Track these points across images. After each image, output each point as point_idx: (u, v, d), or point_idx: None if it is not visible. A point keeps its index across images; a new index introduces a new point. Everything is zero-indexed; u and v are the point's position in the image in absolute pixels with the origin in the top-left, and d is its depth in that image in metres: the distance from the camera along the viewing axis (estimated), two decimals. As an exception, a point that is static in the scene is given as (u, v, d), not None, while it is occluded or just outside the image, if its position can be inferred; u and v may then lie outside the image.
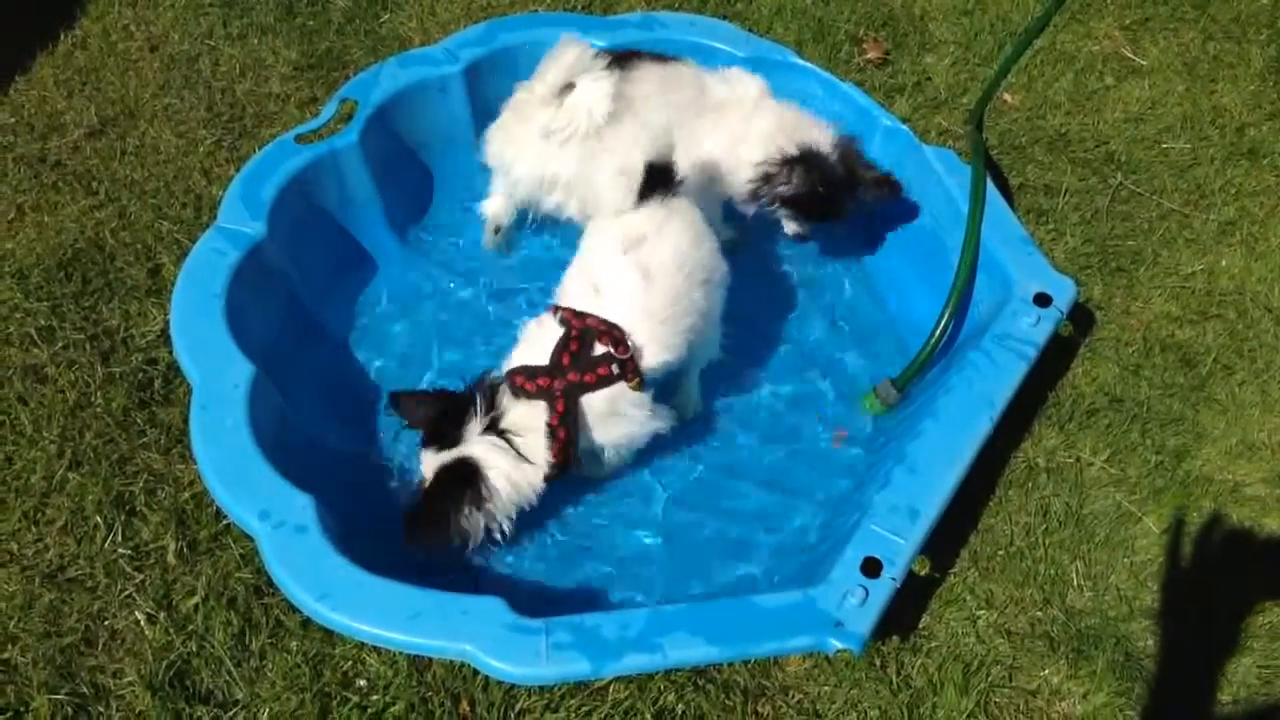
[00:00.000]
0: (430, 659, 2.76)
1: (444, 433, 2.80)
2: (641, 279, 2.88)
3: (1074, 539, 3.12)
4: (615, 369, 2.84)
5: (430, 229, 3.77)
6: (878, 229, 3.71)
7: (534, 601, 2.63)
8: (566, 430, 2.82)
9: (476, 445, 2.77)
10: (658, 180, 2.95)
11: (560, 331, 2.87)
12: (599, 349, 2.84)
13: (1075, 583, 3.04)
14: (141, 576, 2.87)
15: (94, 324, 3.32)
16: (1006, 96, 4.21)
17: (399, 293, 3.58)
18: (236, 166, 3.70)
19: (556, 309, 2.91)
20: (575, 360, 2.83)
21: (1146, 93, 4.28)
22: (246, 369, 2.87)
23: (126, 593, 2.84)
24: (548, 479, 2.86)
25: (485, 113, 3.65)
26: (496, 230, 3.61)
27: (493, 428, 2.78)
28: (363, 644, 2.76)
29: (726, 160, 3.46)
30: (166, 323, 3.30)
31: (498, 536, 2.85)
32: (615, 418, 2.92)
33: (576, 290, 2.95)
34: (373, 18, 4.30)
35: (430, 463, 2.81)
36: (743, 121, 3.45)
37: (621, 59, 3.41)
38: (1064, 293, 3.19)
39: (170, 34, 4.15)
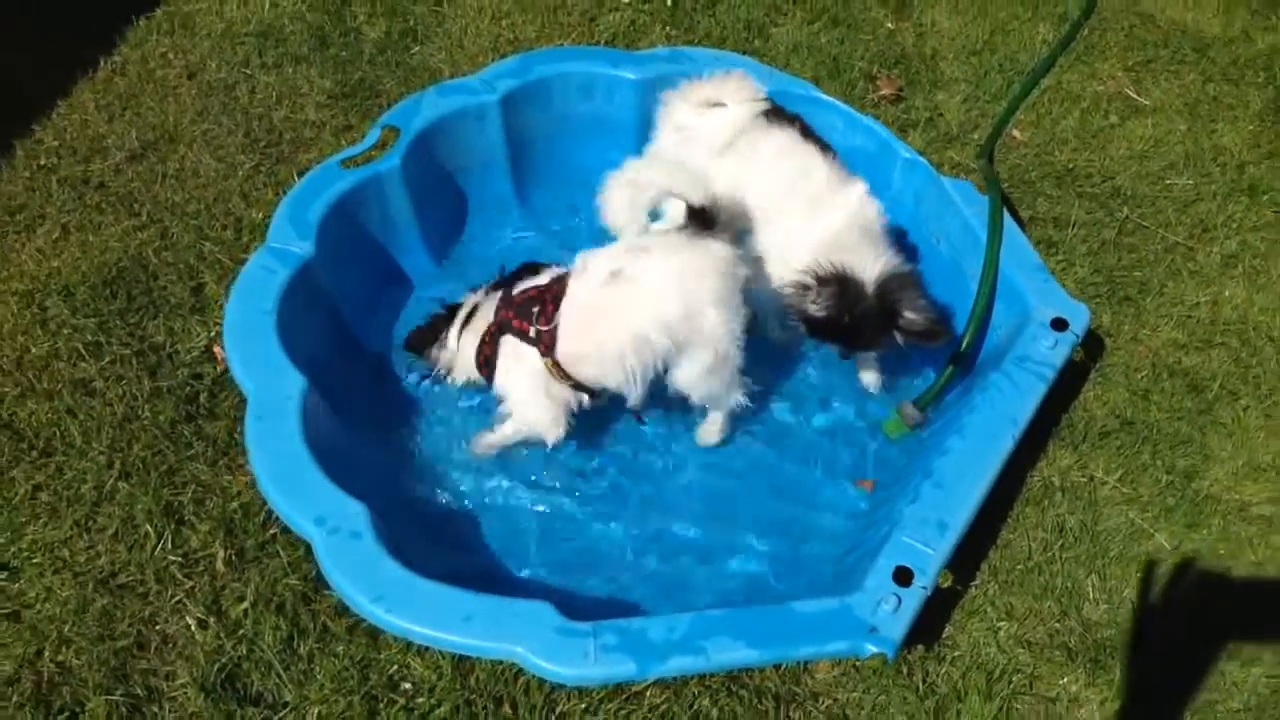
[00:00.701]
0: (473, 663, 2.84)
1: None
2: (604, 278, 3.04)
3: (1089, 554, 3.23)
4: (532, 332, 3.09)
5: (464, 250, 3.90)
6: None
7: (578, 608, 2.74)
8: (490, 349, 3.21)
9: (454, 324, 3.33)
10: (696, 218, 3.06)
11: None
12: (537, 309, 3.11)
13: (1091, 596, 3.15)
14: (191, 583, 2.96)
15: (140, 340, 3.42)
16: (1016, 133, 4.36)
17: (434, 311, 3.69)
18: (275, 190, 3.83)
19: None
20: (524, 303, 3.14)
21: (1150, 131, 4.45)
22: (299, 381, 2.98)
23: (177, 598, 2.93)
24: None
25: (520, 140, 3.81)
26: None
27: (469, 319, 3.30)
28: (408, 648, 2.86)
29: (779, 255, 3.46)
30: (210, 339, 3.43)
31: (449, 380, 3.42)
32: (518, 368, 3.18)
33: (577, 262, 3.15)
34: (403, 49, 4.44)
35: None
36: (809, 223, 3.40)
37: (778, 112, 3.58)
38: (1079, 317, 3.33)
39: (207, 62, 4.28)
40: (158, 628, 2.88)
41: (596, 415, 3.37)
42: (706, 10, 4.72)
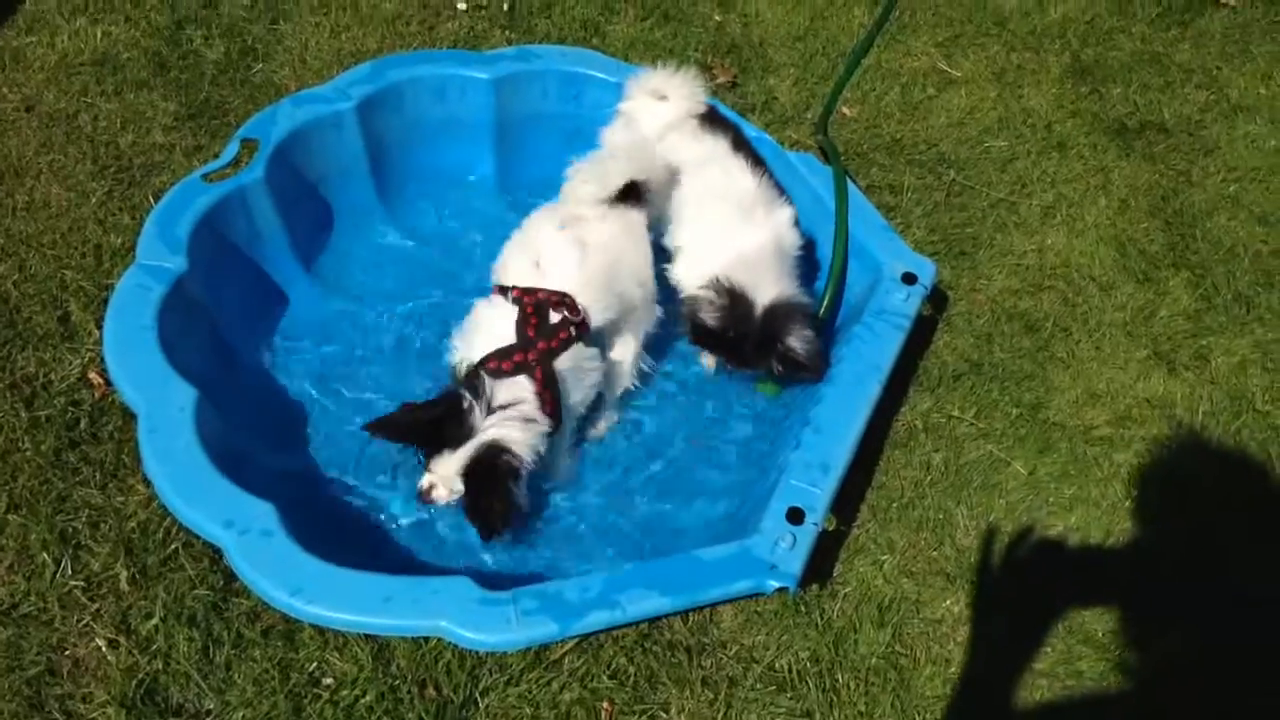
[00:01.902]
0: (392, 650, 2.91)
1: (451, 433, 2.99)
2: (578, 250, 3.21)
3: (955, 486, 3.48)
4: (573, 331, 3.16)
5: (333, 258, 3.94)
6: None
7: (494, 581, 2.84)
8: (551, 393, 3.10)
9: (491, 429, 2.98)
10: (627, 193, 3.34)
11: (514, 309, 3.16)
12: (554, 316, 3.15)
13: (961, 524, 3.40)
14: (97, 605, 2.93)
15: (10, 372, 3.36)
16: (845, 110, 4.64)
17: (309, 319, 3.73)
18: (131, 215, 3.80)
19: (503, 289, 3.20)
20: (540, 330, 3.13)
21: (964, 100, 4.78)
22: (190, 392, 3.00)
23: (84, 622, 2.90)
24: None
25: (378, 145, 3.88)
26: None
27: (494, 410, 3.00)
28: (325, 644, 2.90)
29: (691, 255, 3.62)
30: (84, 365, 3.39)
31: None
32: (578, 373, 3.23)
33: (517, 267, 3.26)
34: (245, 68, 4.44)
35: (451, 463, 2.99)
36: (727, 235, 3.52)
37: (714, 119, 3.80)
38: (926, 271, 3.59)
39: (44, 94, 4.20)
40: (67, 653, 2.85)
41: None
42: (542, 13, 4.85)
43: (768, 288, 3.40)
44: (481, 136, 4.07)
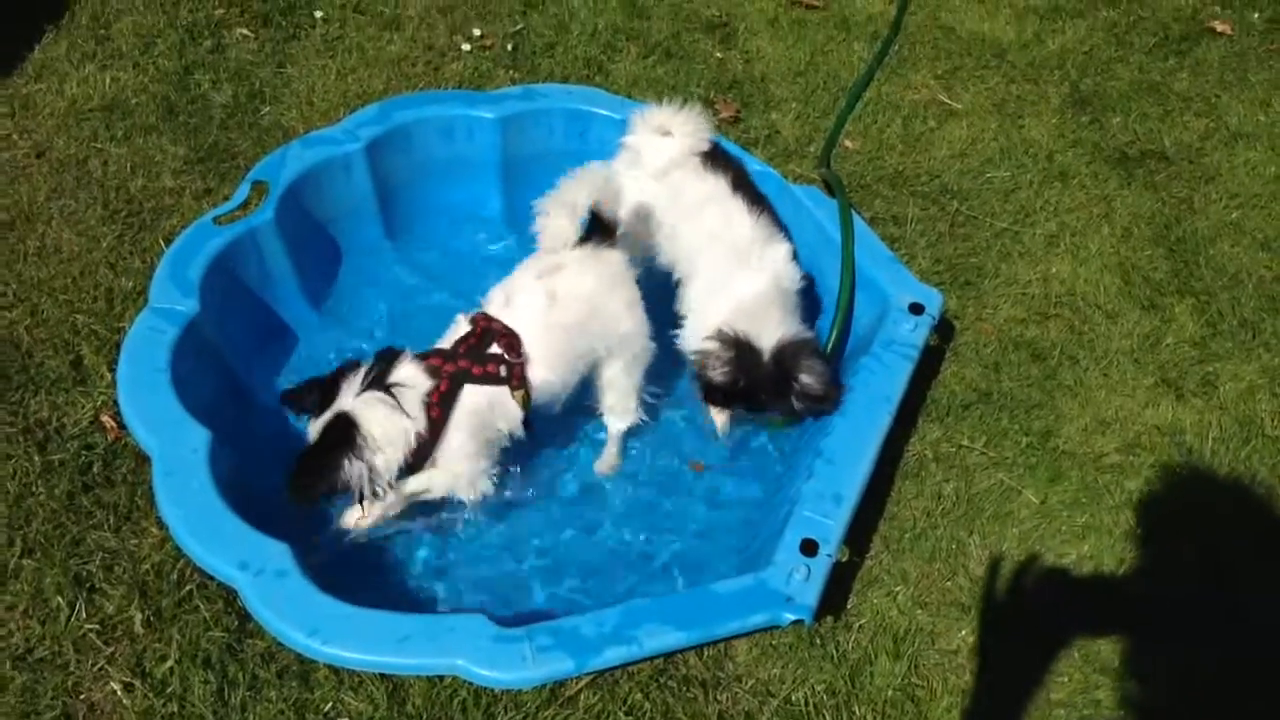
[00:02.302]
0: (408, 690, 2.90)
1: (326, 400, 3.00)
2: (547, 300, 3.19)
3: (967, 516, 3.48)
4: (503, 370, 3.12)
5: (343, 297, 3.97)
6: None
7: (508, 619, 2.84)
8: (441, 410, 3.05)
9: (352, 401, 2.96)
10: (598, 229, 3.30)
11: (467, 327, 3.18)
12: (495, 349, 3.14)
13: (974, 554, 3.40)
14: (112, 649, 2.93)
15: (24, 417, 3.37)
16: (847, 143, 4.68)
17: (320, 358, 3.74)
18: (142, 259, 3.83)
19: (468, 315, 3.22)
20: (470, 351, 3.12)
21: (965, 132, 4.82)
22: (203, 433, 3.01)
23: (99, 665, 2.90)
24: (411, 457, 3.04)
25: (386, 186, 3.92)
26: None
27: (376, 384, 2.97)
28: (340, 684, 2.89)
29: (699, 311, 3.58)
30: (97, 409, 3.41)
31: (380, 489, 3.02)
32: (481, 420, 3.15)
33: (493, 300, 3.26)
34: (253, 111, 4.49)
35: (314, 428, 3.00)
36: (727, 283, 3.51)
37: (717, 157, 3.77)
38: (933, 301, 3.62)
39: (54, 140, 4.24)
40: (82, 697, 2.85)
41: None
42: (546, 53, 4.91)
43: (771, 330, 3.39)
44: (489, 175, 4.12)
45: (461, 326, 3.20)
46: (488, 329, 3.16)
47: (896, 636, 3.19)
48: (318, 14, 4.97)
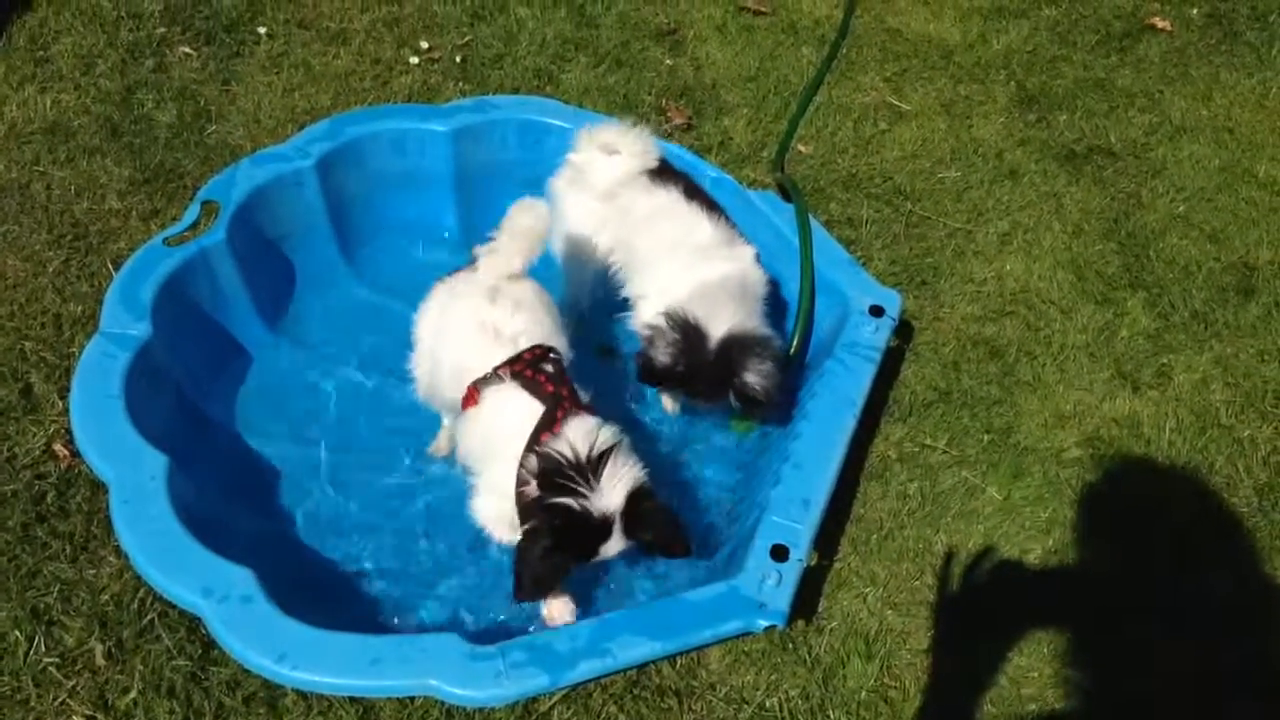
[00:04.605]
0: (377, 714, 2.86)
1: (583, 532, 2.82)
2: (525, 310, 3.15)
3: (933, 515, 3.49)
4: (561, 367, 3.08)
5: (299, 316, 3.92)
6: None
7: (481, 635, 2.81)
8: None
9: (619, 479, 2.82)
10: None
11: (517, 387, 3.00)
12: (548, 366, 3.04)
13: (941, 552, 3.40)
14: (73, 682, 2.86)
15: (-28, 448, 3.30)
16: (800, 147, 4.69)
17: (277, 379, 3.71)
18: (90, 283, 3.75)
19: (486, 379, 3.04)
20: (552, 380, 3.00)
21: (915, 133, 4.86)
22: (160, 460, 2.96)
23: (60, 699, 2.83)
24: None
25: (339, 202, 3.88)
26: None
27: (588, 466, 2.80)
28: (309, 709, 2.84)
29: (657, 293, 3.54)
30: (49, 438, 3.33)
31: None
32: None
33: (479, 348, 3.10)
34: (199, 130, 4.42)
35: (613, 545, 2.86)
36: (690, 269, 3.49)
37: (665, 172, 3.72)
38: (892, 302, 3.64)
39: (-6, 164, 4.17)
40: (44, 733, 2.79)
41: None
42: (495, 64, 4.88)
43: (724, 320, 3.32)
44: (443, 188, 4.09)
45: (504, 390, 3.03)
46: (528, 362, 3.04)
47: (868, 638, 3.19)
48: (261, 30, 4.91)
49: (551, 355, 3.09)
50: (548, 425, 2.91)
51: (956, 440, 3.70)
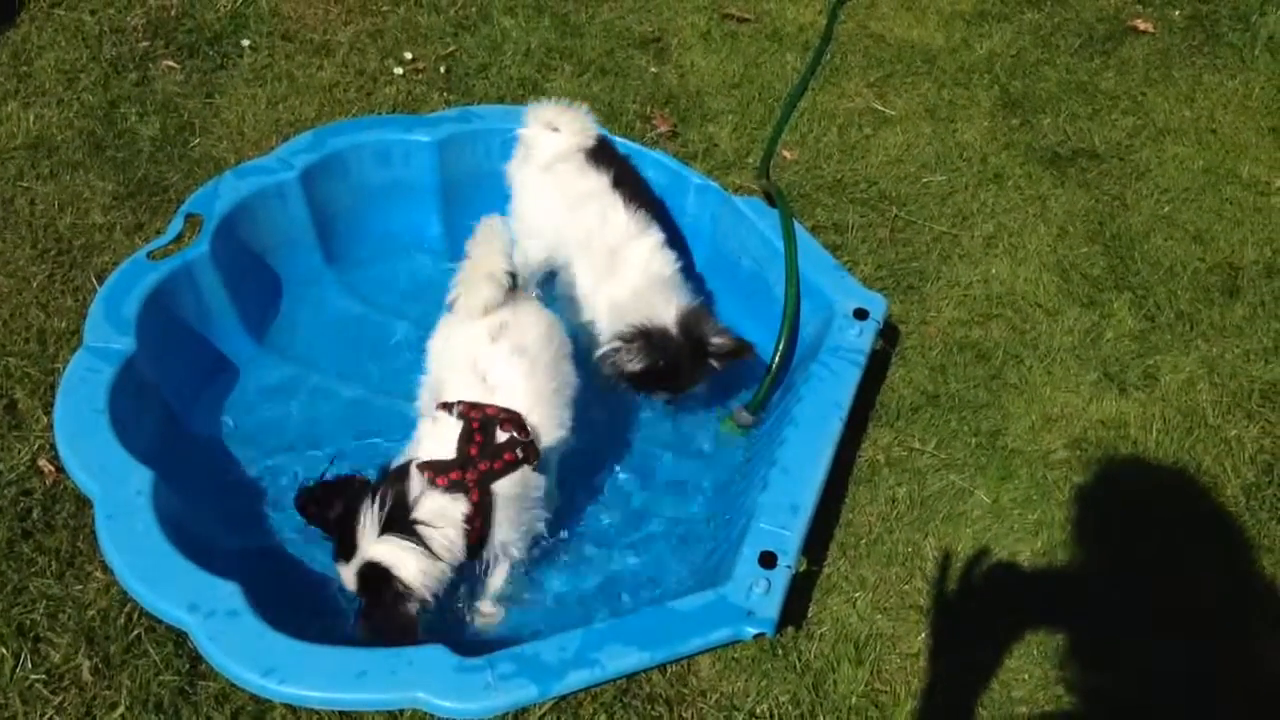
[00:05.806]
0: (367, 727, 2.85)
1: (345, 529, 2.85)
2: (522, 360, 3.10)
3: (921, 519, 3.49)
4: (519, 453, 2.99)
5: (284, 328, 3.91)
6: (707, 280, 4.11)
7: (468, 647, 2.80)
8: (482, 522, 2.92)
9: (378, 548, 2.80)
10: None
11: (459, 424, 2.98)
12: (501, 435, 2.98)
13: (930, 556, 3.41)
14: (60, 698, 2.85)
15: (-44, 465, 3.29)
16: (785, 153, 4.69)
17: (263, 392, 3.70)
18: (74, 298, 3.74)
19: (448, 405, 3.03)
20: (483, 450, 2.94)
21: (900, 137, 4.87)
22: (146, 475, 2.94)
23: (47, 716, 2.81)
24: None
25: (324, 214, 3.87)
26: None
27: (394, 525, 2.79)
28: (298, 724, 2.84)
29: (585, 304, 3.73)
30: (33, 453, 3.32)
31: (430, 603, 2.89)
32: (522, 502, 3.05)
33: (462, 383, 3.09)
34: (182, 143, 4.41)
35: (347, 574, 2.88)
36: (606, 281, 3.65)
37: (603, 154, 3.81)
38: (877, 306, 3.65)
39: (-24, 180, 4.15)
40: (31, 751, 2.77)
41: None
42: (479, 74, 4.89)
43: (664, 308, 3.53)
44: (428, 199, 4.08)
45: (445, 421, 3.00)
46: (485, 418, 2.99)
47: (858, 643, 3.19)
48: (245, 43, 4.90)
49: (516, 430, 3.01)
50: (434, 470, 2.90)
51: (944, 444, 3.70)
